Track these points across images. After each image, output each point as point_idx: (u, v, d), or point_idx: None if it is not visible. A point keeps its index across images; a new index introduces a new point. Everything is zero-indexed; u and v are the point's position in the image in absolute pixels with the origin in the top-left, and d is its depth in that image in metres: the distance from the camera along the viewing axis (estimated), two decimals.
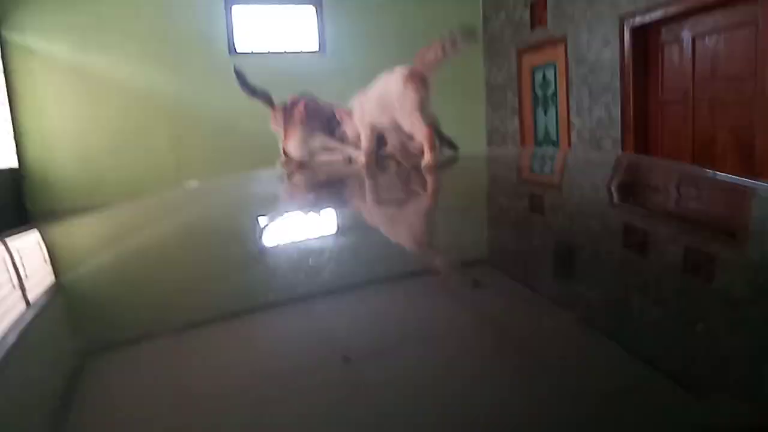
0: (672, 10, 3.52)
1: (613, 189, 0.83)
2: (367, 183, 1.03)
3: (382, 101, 1.14)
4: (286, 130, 1.33)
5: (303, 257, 0.46)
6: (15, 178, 4.29)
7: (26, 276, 0.54)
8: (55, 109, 4.44)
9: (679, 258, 0.45)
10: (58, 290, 0.48)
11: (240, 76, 1.41)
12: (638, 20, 3.78)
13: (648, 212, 0.63)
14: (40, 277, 0.53)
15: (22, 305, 0.43)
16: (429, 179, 1.02)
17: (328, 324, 0.33)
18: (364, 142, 1.20)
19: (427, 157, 1.03)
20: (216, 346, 0.32)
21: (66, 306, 0.45)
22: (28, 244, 0.70)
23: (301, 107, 1.32)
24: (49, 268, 0.58)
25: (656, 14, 3.63)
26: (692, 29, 3.57)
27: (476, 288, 0.38)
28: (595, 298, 0.35)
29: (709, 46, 3.50)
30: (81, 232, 0.80)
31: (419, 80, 1.07)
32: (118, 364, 0.32)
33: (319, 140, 1.32)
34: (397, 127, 1.14)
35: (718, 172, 0.84)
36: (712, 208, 0.66)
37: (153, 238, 0.63)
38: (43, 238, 0.74)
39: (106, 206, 1.02)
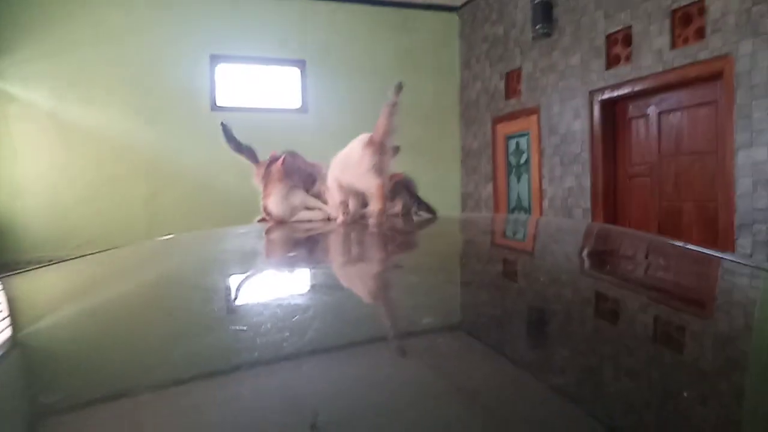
0: (638, 87, 3.71)
1: (583, 256, 0.85)
2: (343, 241, 1.03)
3: (345, 164, 1.21)
4: (266, 187, 1.33)
5: (271, 317, 0.45)
6: None
7: None
8: (30, 156, 4.40)
9: (649, 327, 0.45)
10: (13, 345, 0.46)
11: (226, 131, 1.42)
12: (607, 95, 3.97)
13: (616, 280, 0.64)
14: None
15: None
16: (405, 238, 1.04)
17: (296, 389, 0.33)
18: (337, 199, 1.23)
19: (375, 206, 1.12)
20: (178, 410, 0.31)
21: (21, 362, 0.43)
22: None
23: (279, 164, 1.32)
24: (6, 321, 0.56)
25: (623, 90, 3.83)
26: (658, 105, 3.76)
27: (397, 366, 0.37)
28: (566, 366, 0.36)
29: (674, 122, 3.67)
30: (44, 283, 0.78)
31: (376, 146, 1.16)
32: (73, 426, 0.30)
33: (300, 198, 1.32)
34: (354, 191, 1.22)
35: (684, 243, 0.86)
36: (679, 277, 0.67)
37: (119, 292, 0.62)
38: (4, 290, 0.72)
39: (73, 256, 0.98)
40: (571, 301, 0.53)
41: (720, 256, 0.79)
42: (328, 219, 1.28)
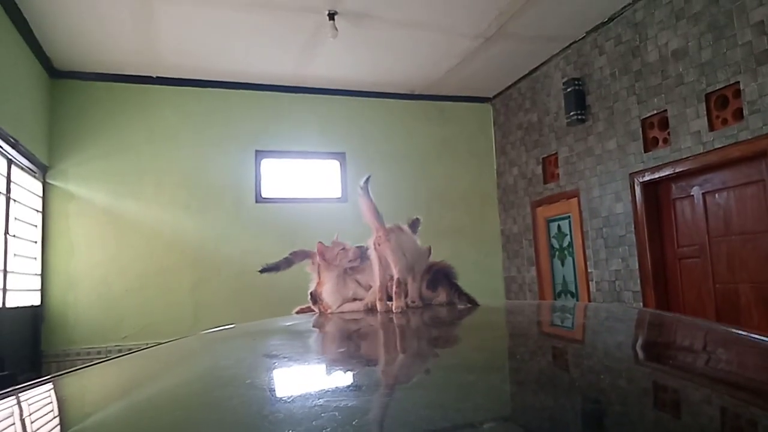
0: (680, 168, 3.68)
1: (638, 348, 0.82)
2: (394, 336, 1.02)
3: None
4: (320, 274, 1.33)
5: (330, 421, 0.44)
6: (35, 318, 4.31)
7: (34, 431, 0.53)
8: (85, 250, 4.59)
9: (716, 422, 0.44)
10: None
11: (270, 268, 1.44)
12: (648, 177, 3.94)
13: (681, 375, 0.61)
14: None
15: None
16: (454, 332, 1.02)
17: None
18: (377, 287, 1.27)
19: (366, 299, 1.25)
20: None
21: None
22: (40, 397, 0.69)
23: (350, 253, 1.33)
24: (57, 422, 0.57)
25: (665, 172, 3.79)
26: (702, 186, 3.70)
27: None
28: None
29: (720, 202, 3.59)
30: (98, 382, 0.78)
31: (379, 249, 1.24)
32: None
33: (352, 289, 1.32)
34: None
35: (749, 332, 0.82)
36: (746, 369, 0.65)
37: (171, 391, 0.62)
38: (56, 390, 0.73)
39: (124, 350, 0.99)
40: (642, 405, 0.51)
41: None
42: (370, 309, 1.27)
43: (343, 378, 0.66)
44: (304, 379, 0.66)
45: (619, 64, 4.20)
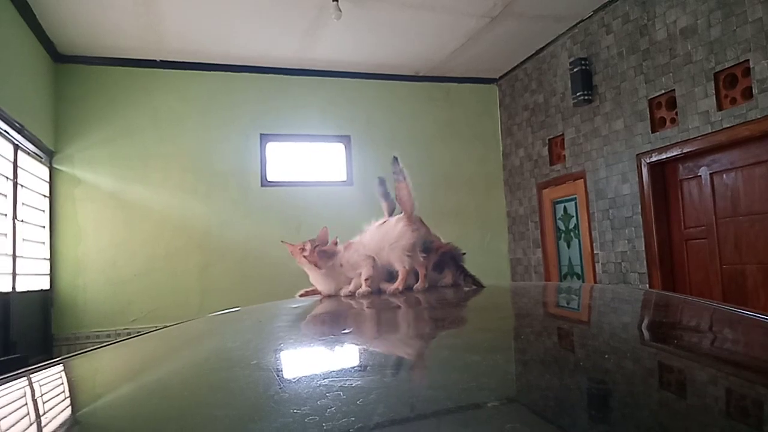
0: (687, 149, 3.64)
1: (643, 329, 0.82)
2: (398, 317, 1.02)
3: (383, 239, 1.29)
4: (303, 264, 1.34)
5: (335, 400, 0.45)
6: (45, 301, 4.36)
7: (45, 412, 0.54)
8: (92, 234, 4.62)
9: (721, 401, 0.44)
10: (73, 426, 0.48)
11: (382, 183, 1.57)
12: (655, 158, 3.91)
13: (685, 354, 0.61)
14: (58, 413, 0.53)
15: None
16: (459, 313, 1.02)
17: None
18: (365, 272, 1.28)
19: (396, 285, 1.22)
20: None
21: None
22: (51, 378, 0.70)
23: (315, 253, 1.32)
24: (68, 403, 0.58)
25: (672, 153, 3.76)
26: (709, 166, 3.67)
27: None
28: None
29: (728, 182, 3.56)
30: (108, 364, 0.80)
31: (417, 224, 1.28)
32: None
33: (342, 276, 1.32)
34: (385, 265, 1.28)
35: (755, 313, 0.82)
36: (753, 349, 0.65)
37: (179, 373, 0.63)
38: (67, 372, 0.74)
39: (132, 333, 1.00)
40: (633, 375, 0.51)
41: None
42: (368, 293, 1.26)
43: (348, 358, 0.66)
44: (308, 359, 0.66)
45: (626, 43, 4.14)
